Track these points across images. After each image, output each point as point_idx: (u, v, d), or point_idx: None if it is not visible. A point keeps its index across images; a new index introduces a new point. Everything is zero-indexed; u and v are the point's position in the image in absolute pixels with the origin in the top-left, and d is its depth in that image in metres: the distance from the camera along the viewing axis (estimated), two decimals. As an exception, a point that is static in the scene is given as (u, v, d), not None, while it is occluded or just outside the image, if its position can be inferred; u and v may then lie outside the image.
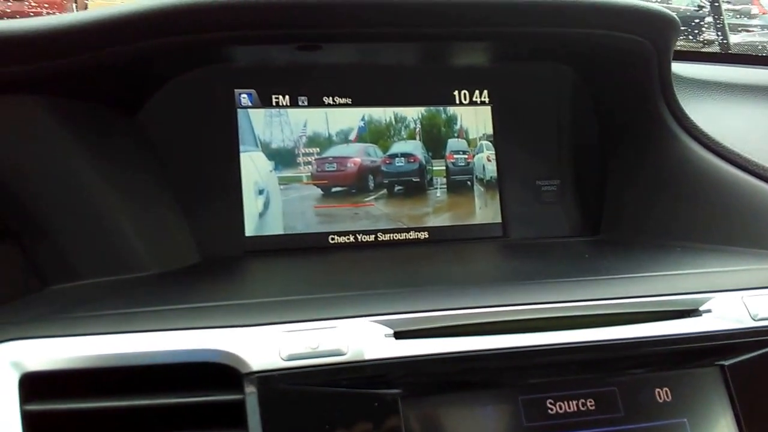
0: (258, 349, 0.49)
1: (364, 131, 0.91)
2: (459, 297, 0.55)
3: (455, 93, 0.95)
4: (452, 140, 0.94)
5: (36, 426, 0.47)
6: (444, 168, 0.94)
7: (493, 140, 0.95)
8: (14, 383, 0.47)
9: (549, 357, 0.53)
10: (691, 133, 0.82)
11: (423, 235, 0.91)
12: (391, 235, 0.90)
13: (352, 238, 0.89)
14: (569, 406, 0.53)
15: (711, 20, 1.79)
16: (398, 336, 0.52)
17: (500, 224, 0.94)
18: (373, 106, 0.92)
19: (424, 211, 0.92)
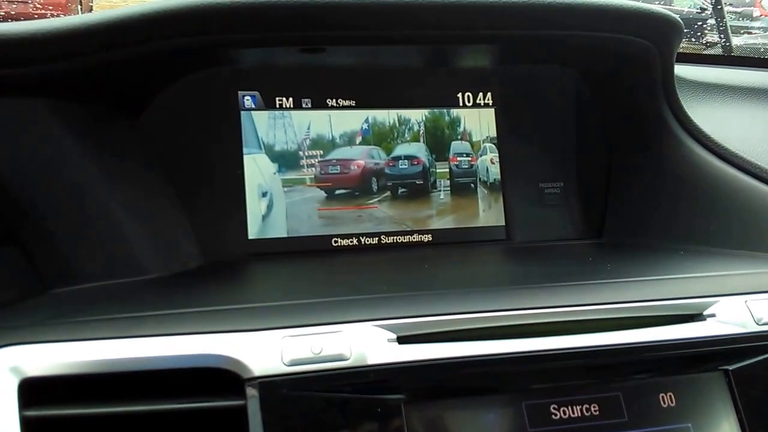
0: (260, 354, 0.49)
1: (368, 133, 0.91)
2: (462, 301, 0.55)
3: (459, 95, 0.94)
4: (456, 143, 0.94)
5: (35, 432, 0.46)
6: (447, 170, 0.94)
7: (496, 143, 0.95)
8: (13, 389, 0.46)
9: (553, 362, 0.53)
10: (694, 135, 0.81)
11: (426, 238, 0.91)
12: (395, 237, 0.90)
13: (355, 241, 0.89)
14: (573, 412, 0.53)
15: (713, 22, 1.79)
16: (401, 341, 0.51)
17: (504, 227, 0.94)
18: (376, 109, 0.91)
19: (428, 214, 0.92)
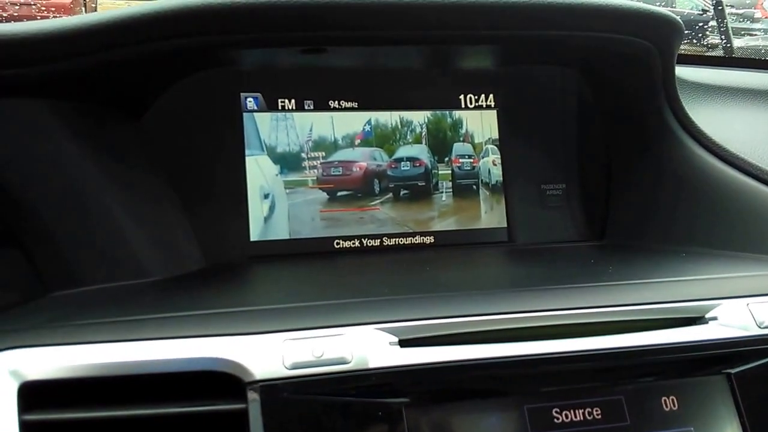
0: (261, 357, 0.49)
1: (370, 135, 0.91)
2: (463, 304, 0.55)
3: (461, 97, 0.94)
4: (458, 144, 0.94)
5: (35, 436, 0.46)
6: (450, 172, 0.94)
7: (498, 144, 0.95)
8: (13, 393, 0.46)
9: (555, 365, 0.53)
10: (695, 137, 0.81)
11: (429, 240, 0.91)
12: (397, 239, 0.90)
13: (357, 243, 0.89)
14: (575, 415, 0.52)
15: (715, 24, 1.79)
16: (403, 344, 0.51)
17: (505, 229, 0.94)
18: (379, 110, 0.91)
19: (430, 216, 0.92)
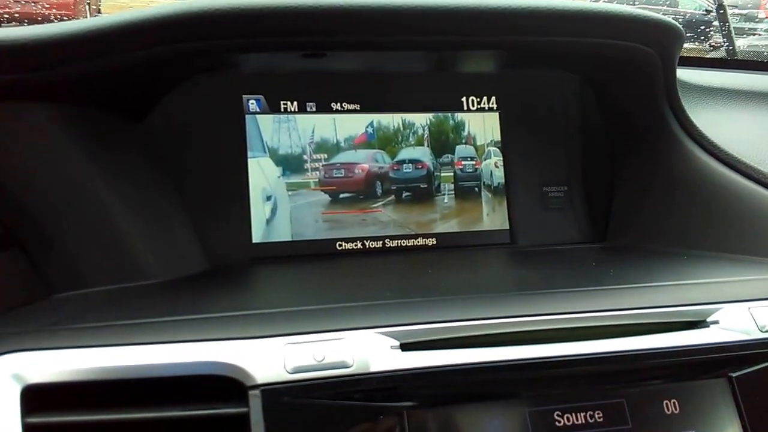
0: (263, 361, 0.49)
1: (373, 137, 0.91)
2: (465, 308, 0.55)
3: (463, 99, 0.94)
4: (460, 146, 0.94)
5: (37, 439, 0.46)
6: (452, 174, 0.94)
7: (500, 146, 0.95)
8: (16, 396, 0.46)
9: (557, 369, 0.53)
10: (697, 140, 0.81)
11: (431, 242, 0.91)
12: (399, 241, 0.90)
13: (359, 245, 0.89)
14: (577, 419, 0.53)
15: (718, 24, 1.78)
16: (404, 348, 0.51)
17: (507, 231, 0.94)
18: (381, 113, 0.92)
19: (432, 218, 0.92)
